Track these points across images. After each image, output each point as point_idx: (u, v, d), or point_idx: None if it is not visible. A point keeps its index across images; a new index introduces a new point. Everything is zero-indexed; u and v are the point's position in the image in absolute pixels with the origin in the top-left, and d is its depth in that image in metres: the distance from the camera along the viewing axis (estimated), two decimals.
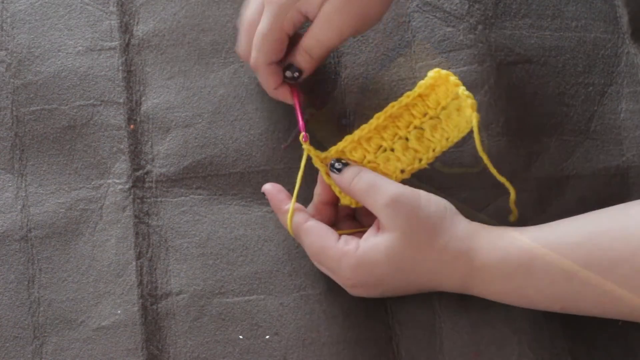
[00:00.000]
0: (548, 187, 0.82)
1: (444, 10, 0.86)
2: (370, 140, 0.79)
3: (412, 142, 0.79)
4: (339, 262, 0.76)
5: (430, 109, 0.78)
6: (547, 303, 0.74)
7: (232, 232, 0.82)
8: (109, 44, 0.87)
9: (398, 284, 0.76)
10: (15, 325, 0.81)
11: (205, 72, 0.86)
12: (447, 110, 0.78)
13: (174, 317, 0.80)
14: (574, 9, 0.86)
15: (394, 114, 0.79)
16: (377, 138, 0.79)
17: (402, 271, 0.75)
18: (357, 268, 0.75)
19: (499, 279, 0.74)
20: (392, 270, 0.75)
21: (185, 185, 0.83)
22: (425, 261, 0.74)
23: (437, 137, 0.79)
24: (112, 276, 0.81)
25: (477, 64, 0.84)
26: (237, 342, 0.80)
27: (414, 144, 0.79)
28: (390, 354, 0.79)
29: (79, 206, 0.83)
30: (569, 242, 0.72)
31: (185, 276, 0.81)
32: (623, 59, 0.85)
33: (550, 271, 0.72)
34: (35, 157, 0.84)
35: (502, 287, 0.74)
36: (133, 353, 0.79)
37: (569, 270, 0.71)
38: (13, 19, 0.87)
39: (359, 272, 0.75)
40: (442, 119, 0.78)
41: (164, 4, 0.88)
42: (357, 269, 0.75)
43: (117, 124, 0.85)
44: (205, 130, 0.85)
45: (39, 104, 0.85)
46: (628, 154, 0.83)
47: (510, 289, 0.74)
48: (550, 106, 0.84)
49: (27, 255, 0.82)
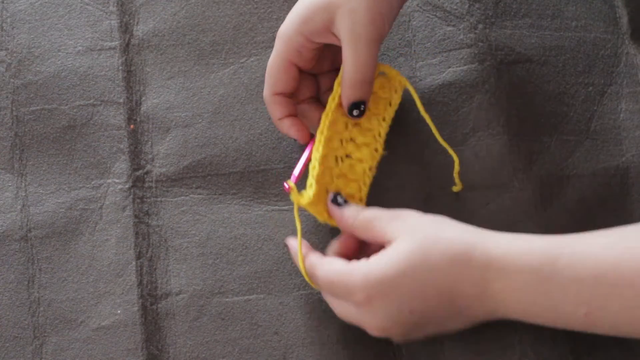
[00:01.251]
0: (548, 186, 0.82)
1: (444, 9, 0.86)
2: (328, 157, 0.78)
3: (358, 138, 0.78)
4: (350, 276, 0.72)
5: None
6: (571, 307, 0.69)
7: (232, 231, 0.82)
8: (109, 44, 0.87)
9: (419, 296, 0.71)
10: (15, 325, 0.81)
11: (205, 73, 0.86)
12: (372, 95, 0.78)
13: (174, 317, 0.80)
14: (574, 9, 0.86)
15: (332, 121, 0.77)
16: (331, 152, 0.78)
17: (417, 279, 0.71)
18: (368, 275, 0.71)
19: (520, 274, 0.69)
20: (405, 278, 0.71)
21: (185, 185, 0.83)
22: (439, 262, 0.71)
23: (375, 123, 0.78)
24: (112, 276, 0.81)
25: (477, 63, 0.84)
26: (236, 342, 0.80)
27: (361, 139, 0.78)
28: (390, 354, 0.79)
29: (78, 206, 0.83)
30: (597, 242, 0.69)
31: (185, 276, 0.81)
32: (623, 59, 0.85)
33: (578, 268, 0.68)
34: (35, 156, 0.84)
35: (523, 283, 0.69)
36: (133, 353, 0.79)
37: (598, 269, 0.68)
38: (13, 19, 0.87)
39: (370, 283, 0.71)
40: (370, 103, 0.78)
41: (164, 4, 0.88)
42: (368, 278, 0.71)
43: (117, 124, 0.85)
44: (205, 130, 0.85)
45: (39, 104, 0.85)
46: (628, 154, 0.83)
47: (532, 286, 0.69)
48: (551, 106, 0.84)
49: (27, 255, 0.82)
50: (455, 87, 0.84)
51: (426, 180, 0.82)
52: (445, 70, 0.85)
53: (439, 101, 0.84)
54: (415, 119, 0.84)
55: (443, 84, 0.84)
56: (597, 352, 0.78)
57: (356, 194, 0.79)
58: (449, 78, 0.84)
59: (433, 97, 0.84)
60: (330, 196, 0.77)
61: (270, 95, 0.79)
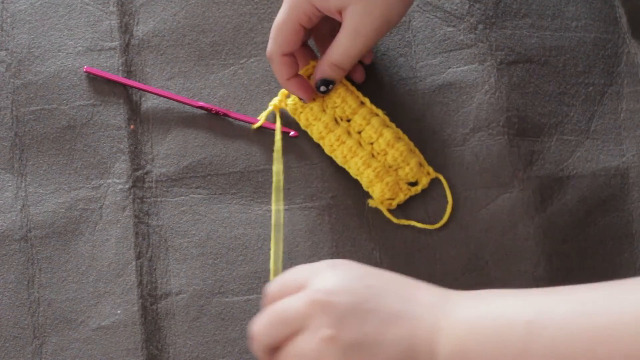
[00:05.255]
0: (548, 186, 0.82)
1: (444, 10, 0.86)
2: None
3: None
4: (315, 264, 0.70)
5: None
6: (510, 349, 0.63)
7: (231, 231, 0.82)
8: (109, 44, 0.87)
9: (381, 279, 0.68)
10: (15, 325, 0.80)
11: (205, 73, 0.86)
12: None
13: (174, 317, 0.80)
14: (574, 9, 0.86)
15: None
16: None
17: (381, 274, 0.69)
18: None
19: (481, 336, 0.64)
20: (372, 269, 0.69)
21: (185, 185, 0.83)
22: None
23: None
24: (112, 276, 0.81)
25: (477, 64, 0.84)
26: (236, 342, 0.80)
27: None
28: None
29: (78, 206, 0.83)
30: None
31: (185, 276, 0.81)
32: (623, 59, 0.85)
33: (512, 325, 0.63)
34: (35, 156, 0.84)
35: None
36: (133, 353, 0.79)
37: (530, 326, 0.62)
38: (13, 19, 0.87)
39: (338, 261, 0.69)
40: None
41: (164, 4, 0.88)
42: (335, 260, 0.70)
43: (117, 124, 0.85)
44: (205, 130, 0.85)
45: (39, 104, 0.85)
46: (628, 154, 0.83)
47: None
48: (551, 106, 0.84)
49: (27, 255, 0.82)
50: (455, 87, 0.84)
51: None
52: (445, 70, 0.85)
53: (439, 101, 0.84)
54: (415, 119, 0.84)
55: (443, 84, 0.84)
56: None
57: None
58: (449, 78, 0.84)
59: (433, 97, 0.84)
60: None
61: (278, 56, 0.80)
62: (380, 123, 0.81)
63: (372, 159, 0.81)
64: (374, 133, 0.81)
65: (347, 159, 0.81)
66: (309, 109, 0.82)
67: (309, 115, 0.82)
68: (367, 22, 0.76)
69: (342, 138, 0.81)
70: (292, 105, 0.83)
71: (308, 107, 0.82)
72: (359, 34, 0.76)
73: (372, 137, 0.81)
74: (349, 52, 0.78)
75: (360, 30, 0.76)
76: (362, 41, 0.77)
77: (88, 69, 0.85)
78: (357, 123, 0.82)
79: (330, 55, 0.79)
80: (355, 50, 0.78)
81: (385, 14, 0.76)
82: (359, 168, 0.81)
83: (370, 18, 0.76)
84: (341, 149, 0.81)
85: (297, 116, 0.83)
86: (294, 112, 0.83)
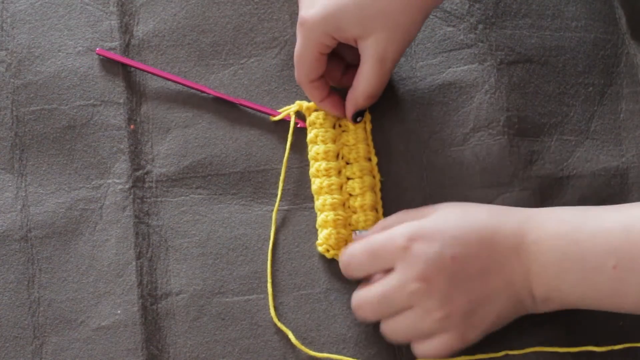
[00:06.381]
0: (548, 186, 0.82)
1: (444, 9, 0.86)
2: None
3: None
4: (390, 230, 0.76)
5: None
6: (600, 258, 0.71)
7: (232, 231, 0.82)
8: (109, 44, 0.87)
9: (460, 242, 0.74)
10: (15, 325, 0.80)
11: (205, 73, 0.86)
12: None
13: (174, 317, 0.80)
14: (574, 9, 0.87)
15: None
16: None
17: (459, 225, 0.74)
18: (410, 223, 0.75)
19: (553, 222, 0.73)
20: (447, 223, 0.74)
21: (185, 185, 0.83)
22: (479, 211, 0.76)
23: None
24: (112, 276, 0.81)
25: (477, 63, 0.84)
26: (236, 342, 0.79)
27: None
28: (391, 354, 0.79)
29: (79, 206, 0.83)
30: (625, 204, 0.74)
31: (185, 276, 0.81)
32: (623, 59, 0.85)
33: (606, 219, 0.71)
34: (35, 157, 0.84)
35: (555, 232, 0.72)
36: (133, 353, 0.79)
37: (627, 219, 0.71)
38: (13, 19, 0.87)
39: (412, 227, 0.74)
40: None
41: (164, 4, 0.88)
42: (410, 224, 0.75)
43: (117, 124, 0.85)
44: (205, 130, 0.85)
45: (39, 104, 0.85)
46: (628, 154, 0.83)
47: (563, 235, 0.72)
48: (551, 106, 0.84)
49: (27, 255, 0.82)
50: (455, 87, 0.84)
51: (426, 180, 0.82)
52: (445, 70, 0.85)
53: (439, 101, 0.84)
54: (415, 119, 0.84)
55: (443, 84, 0.84)
56: (597, 352, 0.78)
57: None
58: (449, 78, 0.84)
59: (433, 97, 0.84)
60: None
61: (307, 83, 0.81)
62: (370, 186, 0.81)
63: (341, 207, 0.81)
64: (359, 189, 0.81)
65: (321, 192, 0.81)
66: (324, 130, 0.82)
67: (319, 134, 0.82)
68: (390, 50, 0.77)
69: (330, 172, 0.81)
70: (312, 119, 0.83)
71: (324, 128, 0.82)
72: (386, 61, 0.77)
73: (354, 190, 0.81)
74: (380, 80, 0.79)
75: (386, 58, 0.77)
76: (389, 67, 0.78)
77: (100, 51, 0.85)
78: (351, 171, 0.82)
79: (363, 87, 0.79)
80: (385, 77, 0.79)
81: (406, 36, 0.78)
82: (325, 205, 0.81)
83: (394, 45, 0.77)
84: (323, 180, 0.81)
85: (309, 129, 0.83)
86: (311, 124, 0.83)
